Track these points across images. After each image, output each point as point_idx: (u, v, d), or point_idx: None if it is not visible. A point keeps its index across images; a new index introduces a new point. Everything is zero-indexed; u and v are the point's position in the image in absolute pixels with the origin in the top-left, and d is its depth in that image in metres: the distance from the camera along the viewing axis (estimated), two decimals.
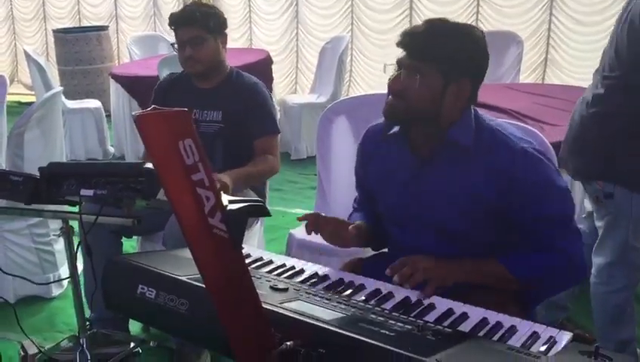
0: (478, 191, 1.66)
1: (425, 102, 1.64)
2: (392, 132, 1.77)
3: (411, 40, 1.64)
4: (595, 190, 2.31)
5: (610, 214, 2.31)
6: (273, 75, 5.93)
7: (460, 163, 1.68)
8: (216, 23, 2.66)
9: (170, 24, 2.69)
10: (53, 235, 3.10)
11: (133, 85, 5.36)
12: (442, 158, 1.71)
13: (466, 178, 1.67)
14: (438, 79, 1.62)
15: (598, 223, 2.37)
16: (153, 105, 1.10)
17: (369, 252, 1.98)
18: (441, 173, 1.71)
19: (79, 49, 7.38)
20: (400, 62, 1.66)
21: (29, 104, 4.28)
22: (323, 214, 1.82)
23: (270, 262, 1.72)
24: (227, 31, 2.78)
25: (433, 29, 1.64)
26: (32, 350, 2.41)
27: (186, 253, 1.15)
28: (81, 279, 2.45)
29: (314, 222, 1.77)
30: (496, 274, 1.65)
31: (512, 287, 1.67)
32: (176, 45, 2.67)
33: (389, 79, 1.69)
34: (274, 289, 1.45)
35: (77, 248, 2.09)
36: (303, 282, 1.57)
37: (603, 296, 2.40)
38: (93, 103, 6.00)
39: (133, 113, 0.95)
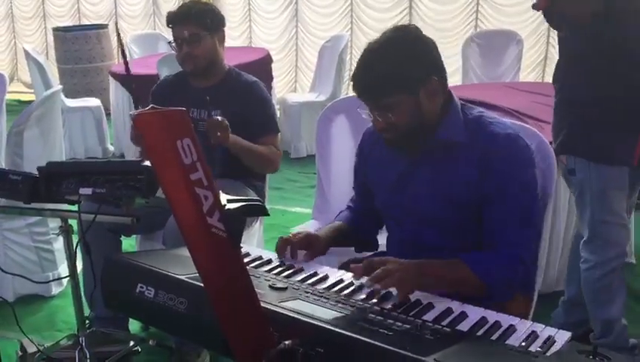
0: (466, 182, 1.66)
1: (410, 122, 1.66)
2: None
3: (363, 89, 1.65)
4: (562, 168, 2.39)
5: (576, 190, 2.39)
6: (273, 73, 5.94)
7: (448, 157, 1.70)
8: (212, 20, 2.65)
9: (167, 22, 2.69)
10: (53, 234, 3.11)
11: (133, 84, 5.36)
12: (432, 155, 1.72)
13: (454, 171, 1.68)
14: (407, 98, 1.63)
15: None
16: (151, 105, 1.10)
17: (367, 252, 1.99)
18: (430, 169, 1.72)
19: (79, 47, 7.39)
20: (370, 110, 1.68)
21: (29, 103, 4.29)
22: (290, 236, 1.81)
23: (269, 261, 1.72)
24: (227, 29, 2.78)
25: (371, 65, 1.63)
26: (31, 349, 2.41)
27: (185, 252, 1.15)
28: (81, 278, 2.45)
29: (283, 248, 1.76)
30: (462, 277, 1.60)
31: (475, 292, 1.59)
32: (173, 44, 2.67)
33: (372, 123, 1.72)
34: (273, 288, 1.45)
35: (76, 247, 2.09)
36: (302, 281, 1.57)
37: (584, 273, 2.43)
38: (93, 102, 6.00)
39: (130, 112, 0.95)
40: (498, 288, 1.62)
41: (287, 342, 1.21)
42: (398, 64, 1.61)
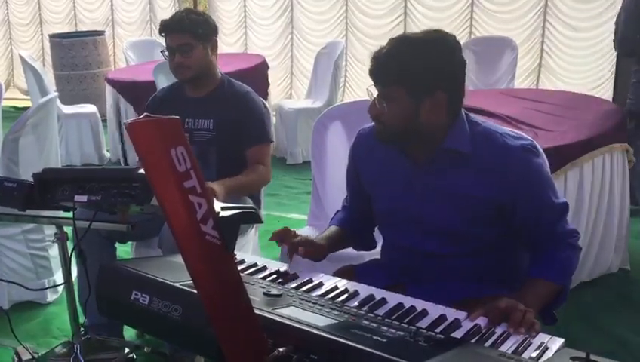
0: (475, 192, 1.67)
1: (399, 123, 1.66)
2: None
3: (374, 67, 1.66)
4: None
5: None
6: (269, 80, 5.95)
7: (456, 166, 1.70)
8: (205, 30, 2.65)
9: (160, 31, 2.69)
10: (48, 241, 3.10)
11: (129, 90, 5.36)
12: (439, 163, 1.72)
13: (462, 180, 1.69)
14: (406, 101, 1.63)
15: None
16: (145, 113, 1.11)
17: (362, 258, 1.99)
18: (437, 177, 1.72)
19: (75, 54, 7.39)
20: (377, 95, 1.68)
21: (25, 109, 4.30)
22: (294, 232, 1.82)
23: (264, 268, 1.72)
24: (222, 36, 2.79)
25: (392, 52, 1.63)
26: (26, 356, 2.41)
27: (180, 259, 1.16)
28: (76, 285, 2.45)
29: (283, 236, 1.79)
30: (545, 293, 1.65)
31: (554, 296, 1.68)
32: (166, 52, 2.67)
33: (369, 108, 1.71)
34: (267, 295, 1.46)
35: (71, 254, 2.09)
36: (296, 288, 1.57)
37: None
38: (89, 108, 5.99)
39: (124, 121, 0.95)
40: (569, 280, 1.72)
41: (281, 349, 1.22)
42: (411, 63, 1.61)
